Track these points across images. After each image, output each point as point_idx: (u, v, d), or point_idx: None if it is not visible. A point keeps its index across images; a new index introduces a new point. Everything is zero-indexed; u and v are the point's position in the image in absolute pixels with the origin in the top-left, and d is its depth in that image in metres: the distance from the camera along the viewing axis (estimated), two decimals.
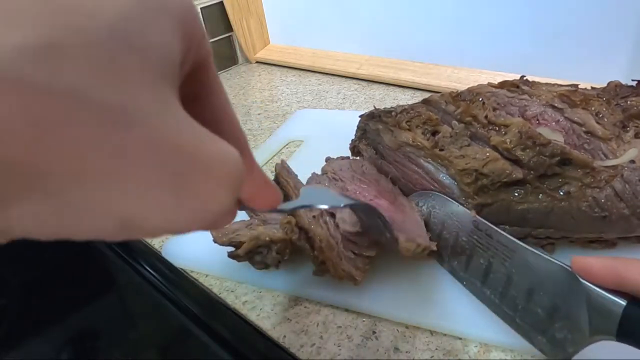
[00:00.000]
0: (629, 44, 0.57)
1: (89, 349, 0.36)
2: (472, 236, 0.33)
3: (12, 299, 0.41)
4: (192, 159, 0.13)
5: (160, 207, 0.13)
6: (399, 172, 0.41)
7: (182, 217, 0.14)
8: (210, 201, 0.14)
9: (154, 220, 0.13)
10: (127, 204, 0.12)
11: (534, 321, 0.28)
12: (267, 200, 0.20)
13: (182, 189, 0.13)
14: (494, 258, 0.31)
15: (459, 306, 0.33)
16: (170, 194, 0.13)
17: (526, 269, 0.28)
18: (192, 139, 0.13)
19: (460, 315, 0.33)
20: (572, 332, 0.25)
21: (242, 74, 0.89)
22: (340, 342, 0.33)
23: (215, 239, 0.36)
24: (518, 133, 0.34)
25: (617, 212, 0.32)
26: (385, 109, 0.44)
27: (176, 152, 0.13)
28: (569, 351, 0.25)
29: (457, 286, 0.35)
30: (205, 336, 0.35)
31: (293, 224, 0.33)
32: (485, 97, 0.40)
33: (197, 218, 0.14)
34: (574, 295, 0.24)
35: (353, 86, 0.77)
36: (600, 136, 0.36)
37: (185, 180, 0.13)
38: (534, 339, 0.28)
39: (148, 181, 0.12)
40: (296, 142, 0.60)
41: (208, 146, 0.14)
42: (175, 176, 0.13)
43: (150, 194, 0.13)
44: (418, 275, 0.36)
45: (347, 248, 0.35)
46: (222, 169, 0.14)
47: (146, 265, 0.41)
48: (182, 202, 0.13)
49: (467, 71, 0.71)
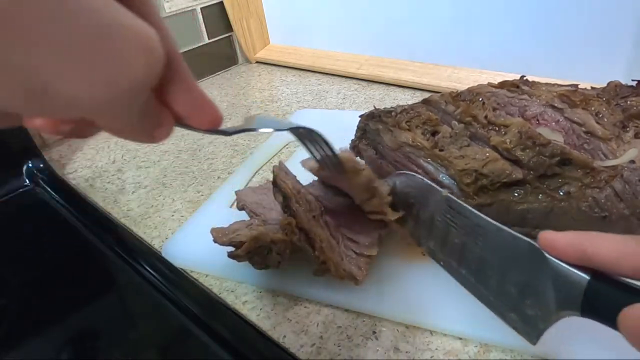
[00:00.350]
0: (629, 44, 0.57)
1: (89, 349, 0.36)
2: (445, 215, 0.32)
3: (12, 299, 0.41)
4: (112, 23, 0.14)
5: (75, 72, 0.13)
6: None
7: (96, 85, 0.14)
8: (125, 67, 0.14)
9: (67, 86, 0.14)
10: (42, 67, 0.13)
11: (506, 299, 0.28)
12: (206, 118, 0.21)
13: (98, 52, 0.14)
14: (467, 237, 0.30)
15: (459, 306, 0.33)
16: (85, 58, 0.13)
17: (498, 247, 0.28)
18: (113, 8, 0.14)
19: (460, 315, 0.33)
20: (541, 309, 0.25)
21: (242, 74, 0.89)
22: (340, 342, 0.33)
23: (215, 239, 0.36)
24: (518, 133, 0.34)
25: (617, 212, 0.32)
26: (385, 109, 0.44)
27: (95, 15, 0.13)
28: (540, 328, 0.25)
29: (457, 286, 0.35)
30: (205, 336, 0.35)
31: (293, 225, 0.33)
32: (485, 97, 0.40)
33: (111, 88, 0.14)
34: (541, 272, 0.25)
35: (353, 86, 0.77)
36: (600, 136, 0.36)
37: (102, 44, 0.14)
38: (507, 316, 0.28)
39: (63, 43, 0.13)
40: (296, 142, 0.60)
41: (128, 19, 0.15)
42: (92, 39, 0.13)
43: (66, 57, 0.13)
44: (418, 275, 0.36)
45: (348, 248, 0.35)
46: (139, 37, 0.15)
47: (146, 265, 0.41)
48: (96, 66, 0.14)
49: (467, 71, 0.71)
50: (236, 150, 0.61)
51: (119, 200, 0.53)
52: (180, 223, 0.47)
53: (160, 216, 0.49)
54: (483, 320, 0.32)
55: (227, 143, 0.63)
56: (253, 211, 0.40)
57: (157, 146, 0.64)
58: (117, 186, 0.56)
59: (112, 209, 0.51)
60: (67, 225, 0.49)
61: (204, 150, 0.62)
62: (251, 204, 0.41)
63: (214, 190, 0.52)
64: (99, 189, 0.56)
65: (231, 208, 0.48)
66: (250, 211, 0.40)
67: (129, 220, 0.49)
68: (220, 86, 0.85)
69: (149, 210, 0.50)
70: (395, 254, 0.38)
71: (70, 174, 0.60)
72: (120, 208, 0.51)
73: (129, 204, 0.52)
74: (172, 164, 0.59)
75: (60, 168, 0.61)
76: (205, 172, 0.56)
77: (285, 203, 0.35)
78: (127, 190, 0.55)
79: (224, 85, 0.85)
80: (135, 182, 0.56)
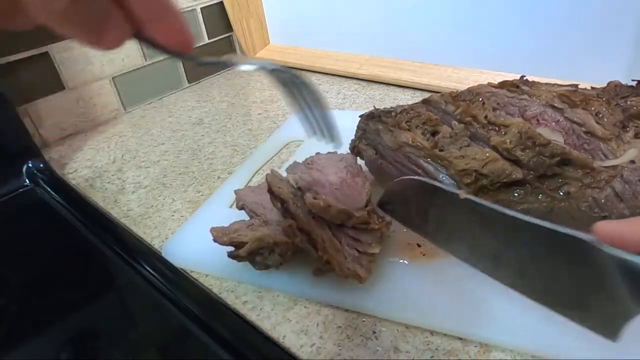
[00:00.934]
0: (629, 44, 0.57)
1: (89, 349, 0.36)
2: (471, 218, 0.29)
3: (12, 299, 0.41)
4: None
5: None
6: (399, 172, 0.41)
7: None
8: None
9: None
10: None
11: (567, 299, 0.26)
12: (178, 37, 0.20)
13: None
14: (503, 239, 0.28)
15: (459, 306, 0.33)
16: None
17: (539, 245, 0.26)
18: None
19: (460, 315, 0.33)
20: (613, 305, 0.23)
21: (242, 74, 0.89)
22: (340, 342, 0.33)
23: (215, 239, 0.36)
24: (518, 133, 0.34)
25: (617, 213, 0.32)
26: (385, 109, 0.44)
27: None
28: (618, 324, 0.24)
29: (457, 286, 0.35)
30: (205, 336, 0.35)
31: (294, 227, 0.33)
32: (485, 97, 0.40)
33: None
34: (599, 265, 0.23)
35: (353, 86, 0.77)
36: (600, 136, 0.36)
37: None
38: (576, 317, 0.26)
39: None
40: (296, 142, 0.60)
41: None
42: None
43: None
44: (418, 275, 0.36)
45: (350, 246, 0.35)
46: None
47: (146, 265, 0.41)
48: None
49: (467, 71, 0.71)
50: (236, 150, 0.61)
51: (119, 200, 0.53)
52: (180, 223, 0.47)
53: (160, 216, 0.49)
54: (483, 320, 0.32)
55: (227, 143, 0.63)
56: (253, 211, 0.40)
57: (157, 146, 0.65)
58: (117, 186, 0.56)
59: (112, 209, 0.51)
60: (67, 225, 0.49)
61: (204, 150, 0.62)
62: (251, 204, 0.41)
63: (214, 190, 0.52)
64: (99, 189, 0.56)
65: (231, 208, 0.48)
66: (251, 211, 0.40)
67: (129, 220, 0.49)
68: (220, 86, 0.85)
69: (149, 210, 0.50)
70: (395, 254, 0.38)
71: (70, 174, 0.60)
72: (120, 208, 0.51)
73: (129, 204, 0.52)
74: (172, 164, 0.59)
75: (60, 168, 0.61)
76: (205, 172, 0.56)
77: (284, 208, 0.35)
78: (127, 190, 0.55)
79: (223, 85, 0.85)
80: (135, 182, 0.56)
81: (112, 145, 0.66)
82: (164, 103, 0.80)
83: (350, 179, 0.40)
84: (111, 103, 0.75)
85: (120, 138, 0.69)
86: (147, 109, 0.78)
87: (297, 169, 0.41)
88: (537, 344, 0.30)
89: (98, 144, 0.67)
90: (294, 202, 0.35)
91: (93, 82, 0.71)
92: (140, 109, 0.78)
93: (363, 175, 0.41)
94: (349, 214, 0.35)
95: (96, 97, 0.72)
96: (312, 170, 0.41)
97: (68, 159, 0.64)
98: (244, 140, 0.63)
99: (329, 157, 0.44)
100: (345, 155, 0.44)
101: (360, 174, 0.41)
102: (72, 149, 0.66)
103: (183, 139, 0.66)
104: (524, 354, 0.31)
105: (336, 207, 0.34)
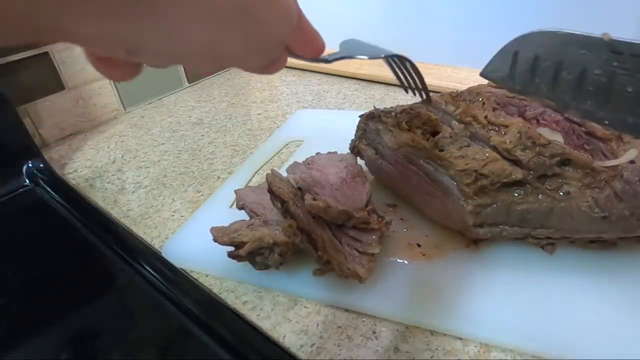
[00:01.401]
0: None
1: (89, 349, 0.36)
2: (609, 64, 0.26)
3: (12, 299, 0.41)
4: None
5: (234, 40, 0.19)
6: (399, 172, 0.41)
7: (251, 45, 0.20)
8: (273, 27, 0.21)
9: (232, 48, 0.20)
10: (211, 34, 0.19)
11: None
12: (312, 48, 0.25)
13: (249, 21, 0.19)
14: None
15: (459, 306, 0.33)
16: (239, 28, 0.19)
17: None
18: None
19: (460, 315, 0.33)
20: None
21: (242, 74, 0.89)
22: (340, 342, 0.33)
23: (215, 238, 0.36)
24: (518, 133, 0.34)
25: (617, 213, 0.32)
26: (385, 109, 0.44)
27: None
28: None
29: (457, 286, 0.35)
30: (205, 336, 0.35)
31: (294, 227, 0.33)
32: (485, 97, 0.40)
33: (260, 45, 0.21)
34: None
35: (353, 86, 0.77)
36: (600, 136, 0.36)
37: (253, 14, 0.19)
38: None
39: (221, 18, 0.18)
40: (296, 142, 0.60)
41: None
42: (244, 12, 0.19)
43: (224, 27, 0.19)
44: (418, 275, 0.36)
45: (350, 246, 0.35)
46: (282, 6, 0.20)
47: (146, 265, 0.41)
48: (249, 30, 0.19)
49: (467, 71, 0.71)
50: (236, 150, 0.61)
51: (119, 200, 0.53)
52: (180, 223, 0.47)
53: (160, 216, 0.49)
54: (483, 320, 0.32)
55: (227, 143, 0.63)
56: (253, 211, 0.40)
57: (157, 146, 0.65)
58: (117, 186, 0.56)
59: (112, 209, 0.51)
60: (67, 225, 0.49)
61: (204, 150, 0.62)
62: (251, 204, 0.41)
63: (214, 190, 0.52)
64: (99, 189, 0.56)
65: (231, 208, 0.48)
66: (251, 211, 0.40)
67: (129, 220, 0.49)
68: (220, 86, 0.85)
69: (149, 210, 0.50)
70: (395, 254, 0.38)
71: (70, 174, 0.60)
72: (120, 208, 0.51)
73: (129, 204, 0.52)
74: (172, 164, 0.59)
75: (60, 168, 0.61)
76: (205, 172, 0.56)
77: (284, 208, 0.35)
78: (127, 190, 0.55)
79: (223, 85, 0.85)
80: (135, 182, 0.56)
81: (112, 145, 0.66)
82: (164, 103, 0.80)
83: (350, 179, 0.40)
84: (111, 103, 0.75)
85: (120, 138, 0.69)
86: (147, 109, 0.78)
87: (297, 169, 0.41)
88: (537, 344, 0.30)
89: (98, 144, 0.67)
90: (294, 202, 0.35)
91: (93, 82, 0.71)
92: (140, 109, 0.78)
93: (363, 175, 0.41)
94: (349, 215, 0.35)
95: (96, 97, 0.72)
96: (312, 170, 0.41)
97: (68, 159, 0.64)
98: (244, 140, 0.63)
99: (329, 157, 0.44)
100: (345, 156, 0.44)
101: (360, 174, 0.41)
102: (72, 149, 0.66)
103: (183, 139, 0.66)
104: (524, 354, 0.31)
105: (336, 208, 0.34)
